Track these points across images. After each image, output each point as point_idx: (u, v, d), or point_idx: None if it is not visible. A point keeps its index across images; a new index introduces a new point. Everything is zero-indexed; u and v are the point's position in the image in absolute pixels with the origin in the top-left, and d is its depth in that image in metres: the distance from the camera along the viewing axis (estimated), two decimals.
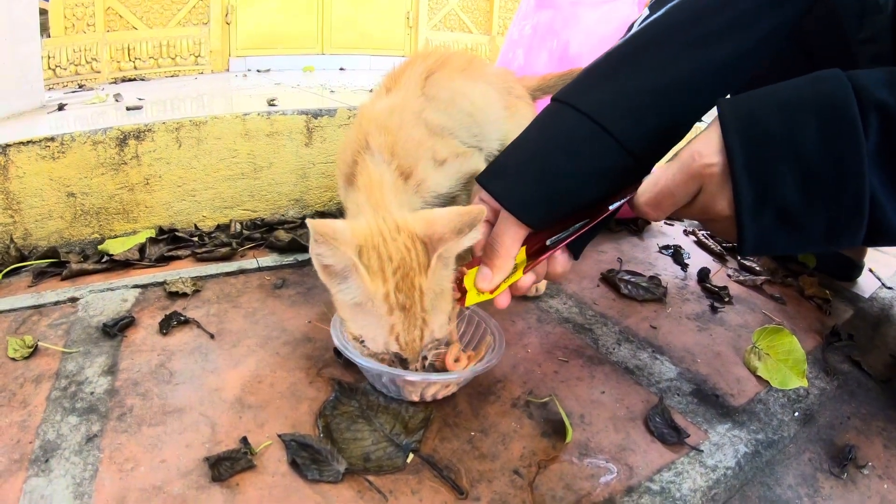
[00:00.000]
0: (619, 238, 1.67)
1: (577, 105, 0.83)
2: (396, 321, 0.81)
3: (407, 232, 0.83)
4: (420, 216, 0.87)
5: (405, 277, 0.80)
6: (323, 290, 1.19)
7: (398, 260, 0.80)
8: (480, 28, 5.23)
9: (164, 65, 3.97)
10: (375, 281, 0.80)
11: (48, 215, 1.37)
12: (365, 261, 0.80)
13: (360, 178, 0.96)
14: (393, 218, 0.85)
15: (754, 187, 0.67)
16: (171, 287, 1.18)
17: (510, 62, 1.61)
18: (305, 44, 4.47)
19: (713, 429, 0.92)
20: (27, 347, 0.98)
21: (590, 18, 1.59)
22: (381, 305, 0.80)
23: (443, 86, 1.12)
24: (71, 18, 3.64)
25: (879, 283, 1.57)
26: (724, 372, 1.07)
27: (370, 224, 0.84)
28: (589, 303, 1.27)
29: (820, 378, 1.09)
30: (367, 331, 0.84)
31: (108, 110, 1.85)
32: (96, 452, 0.77)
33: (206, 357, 0.99)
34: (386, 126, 1.00)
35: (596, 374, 1.02)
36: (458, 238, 0.81)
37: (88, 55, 3.70)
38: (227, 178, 1.55)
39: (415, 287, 0.81)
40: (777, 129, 0.66)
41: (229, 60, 4.20)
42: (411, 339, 0.82)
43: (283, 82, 2.83)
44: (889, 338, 1.29)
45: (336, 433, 0.82)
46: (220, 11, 4.12)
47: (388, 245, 0.81)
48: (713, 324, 1.23)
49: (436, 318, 0.84)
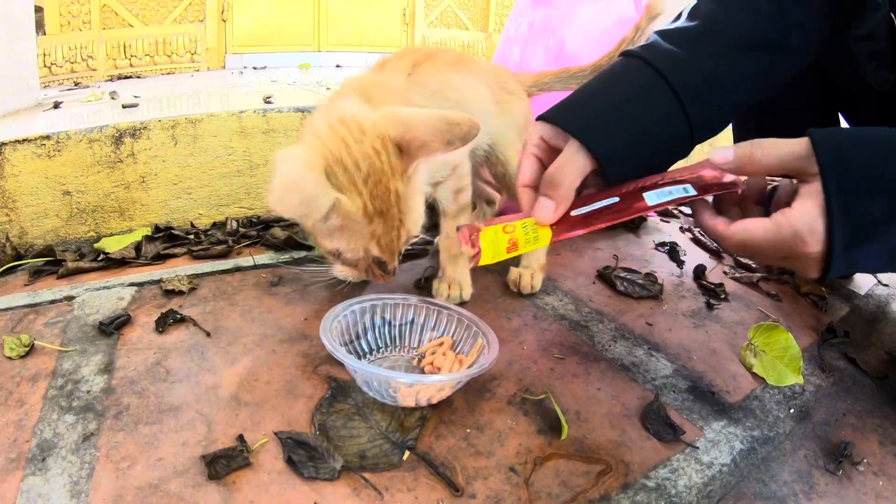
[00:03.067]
0: (616, 235, 1.67)
1: (648, 59, 0.86)
2: (376, 227, 0.80)
3: (375, 133, 0.81)
4: (393, 115, 0.84)
5: (378, 184, 0.78)
6: (319, 288, 1.20)
7: (367, 167, 0.78)
8: (477, 25, 5.23)
9: (160, 62, 3.96)
10: (352, 199, 0.78)
11: (44, 214, 1.37)
12: (333, 181, 0.78)
13: (322, 117, 0.91)
14: (353, 117, 0.82)
15: (848, 261, 0.70)
16: (168, 285, 1.18)
17: (506, 59, 1.61)
18: (302, 41, 4.47)
19: (709, 425, 0.92)
20: (23, 346, 0.98)
21: (586, 15, 1.59)
22: (360, 217, 0.79)
23: (430, 75, 1.11)
24: (66, 16, 3.63)
25: (875, 281, 1.57)
26: (719, 369, 1.07)
27: (326, 135, 0.81)
28: (585, 300, 1.27)
29: (815, 375, 1.09)
30: (344, 242, 0.83)
31: (104, 108, 1.85)
32: (93, 451, 0.77)
33: (202, 355, 0.99)
34: (366, 92, 0.97)
35: (592, 371, 1.02)
36: (447, 150, 0.80)
37: (84, 53, 3.69)
38: (223, 175, 1.55)
39: (390, 191, 0.79)
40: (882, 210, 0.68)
41: (225, 58, 4.19)
42: (388, 240, 0.81)
43: (280, 79, 2.82)
44: (885, 335, 1.29)
45: (332, 431, 0.83)
46: (216, 9, 4.11)
47: (352, 151, 0.79)
48: (709, 321, 1.23)
49: (411, 217, 0.84)
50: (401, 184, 0.80)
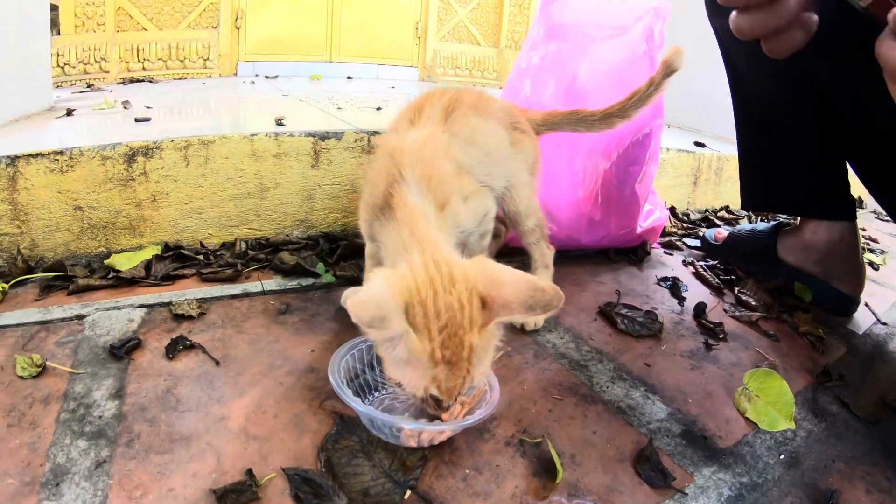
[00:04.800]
0: (619, 268, 1.69)
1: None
2: (440, 373, 0.82)
3: (464, 284, 0.83)
4: (485, 269, 0.87)
5: (453, 336, 0.81)
6: (326, 319, 1.23)
7: (446, 317, 0.81)
8: (489, 40, 5.24)
9: (172, 67, 3.98)
10: (422, 340, 0.80)
11: (55, 227, 1.40)
12: (410, 318, 0.81)
13: (398, 211, 0.96)
14: (448, 265, 0.85)
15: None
16: (177, 309, 1.21)
17: (518, 91, 1.63)
18: (314, 51, 4.47)
19: (699, 471, 0.94)
20: (36, 367, 1.01)
21: (598, 51, 1.61)
22: (426, 360, 0.81)
23: (462, 124, 1.14)
24: (81, 17, 3.64)
25: (874, 319, 1.59)
26: (714, 413, 1.09)
27: (419, 273, 0.84)
28: (585, 337, 1.30)
29: (808, 420, 1.12)
30: (407, 378, 0.85)
31: (117, 120, 1.87)
32: (106, 478, 0.80)
33: (211, 384, 1.01)
34: (421, 157, 1.02)
35: (588, 414, 1.05)
36: (526, 315, 0.83)
37: (98, 54, 3.70)
38: (233, 197, 1.57)
39: (464, 344, 0.81)
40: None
41: (237, 65, 4.20)
42: (452, 385, 0.83)
43: (291, 93, 2.84)
44: (880, 377, 1.31)
45: (337, 467, 0.85)
46: (230, 15, 4.13)
47: (437, 299, 0.81)
48: (707, 362, 1.25)
49: (478, 368, 0.85)
50: (476, 338, 0.82)
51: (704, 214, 2.47)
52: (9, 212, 1.34)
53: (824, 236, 1.60)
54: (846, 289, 1.60)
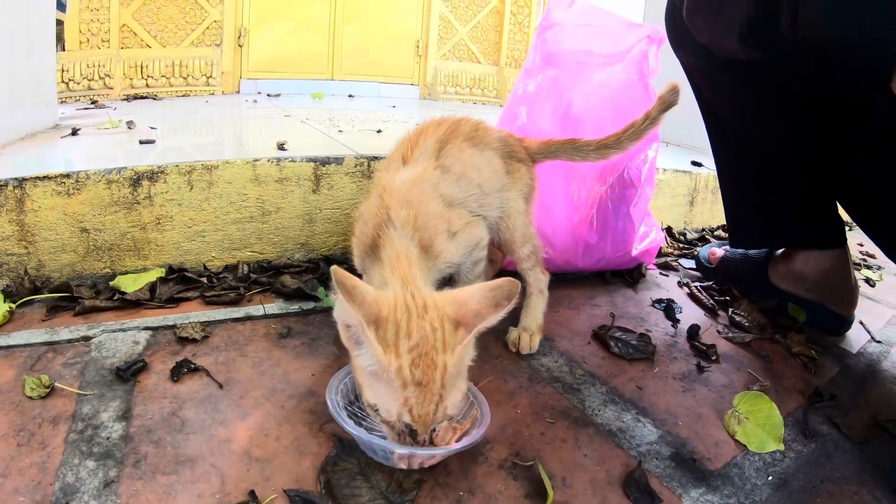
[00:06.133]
0: (614, 291, 1.72)
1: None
2: (410, 395, 0.85)
3: (437, 312, 0.89)
4: (448, 297, 0.93)
5: (424, 356, 0.85)
6: (327, 343, 1.25)
7: (418, 338, 0.86)
8: (489, 59, 5.29)
9: (175, 84, 4.02)
10: (388, 354, 0.85)
11: (61, 248, 1.43)
12: (381, 333, 0.86)
13: (384, 251, 1.03)
14: (422, 296, 0.92)
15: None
16: (181, 332, 1.24)
17: (514, 118, 1.66)
18: (316, 69, 4.52)
19: (687, 493, 0.96)
20: (44, 387, 1.03)
21: (594, 79, 1.64)
22: (395, 378, 0.85)
23: (455, 157, 1.19)
24: (86, 33, 3.69)
25: (868, 337, 1.61)
26: (703, 435, 1.11)
27: (398, 298, 0.90)
28: (579, 361, 1.32)
29: (798, 441, 1.13)
30: (381, 400, 0.89)
31: (122, 141, 1.91)
32: (114, 498, 0.82)
33: (215, 407, 1.04)
34: (408, 200, 1.07)
35: (580, 437, 1.07)
36: (497, 312, 0.89)
37: (102, 71, 3.74)
38: (235, 220, 1.61)
39: (436, 365, 0.85)
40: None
41: (240, 82, 4.25)
42: (425, 412, 0.86)
43: (293, 113, 2.88)
44: (872, 397, 1.32)
45: (336, 489, 0.88)
46: (233, 33, 4.18)
47: (411, 322, 0.87)
48: (698, 384, 1.28)
49: (451, 396, 0.89)
50: (450, 358, 0.87)
51: (701, 234, 2.50)
52: (16, 232, 1.37)
53: (815, 266, 1.61)
54: (840, 309, 1.60)
